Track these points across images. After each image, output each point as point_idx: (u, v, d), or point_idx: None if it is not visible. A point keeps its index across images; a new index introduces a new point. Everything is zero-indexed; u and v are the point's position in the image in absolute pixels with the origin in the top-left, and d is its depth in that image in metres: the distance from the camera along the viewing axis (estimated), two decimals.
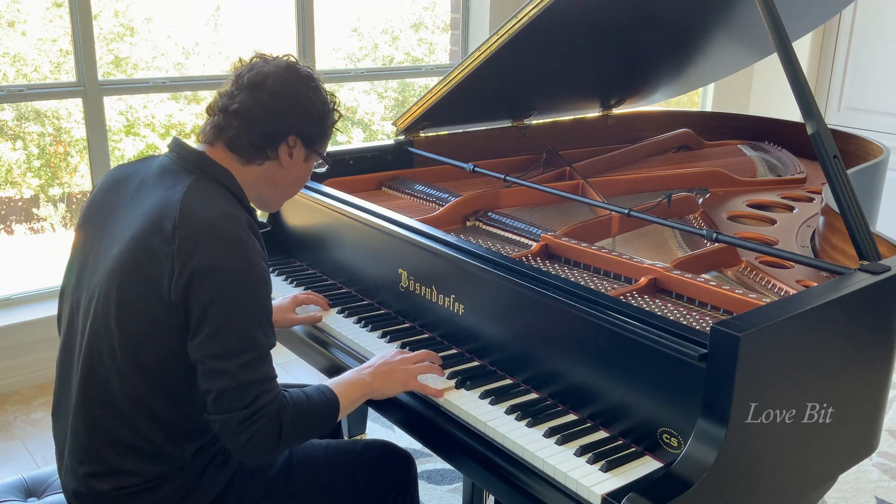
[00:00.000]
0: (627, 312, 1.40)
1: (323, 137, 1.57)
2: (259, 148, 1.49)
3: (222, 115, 1.48)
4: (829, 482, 1.58)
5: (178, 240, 1.35)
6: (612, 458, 1.35)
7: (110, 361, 1.40)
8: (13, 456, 2.79)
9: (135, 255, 1.38)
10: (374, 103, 6.48)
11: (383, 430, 2.91)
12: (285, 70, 1.50)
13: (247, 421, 1.34)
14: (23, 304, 3.28)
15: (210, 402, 1.35)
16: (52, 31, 4.91)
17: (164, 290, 1.35)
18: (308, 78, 1.52)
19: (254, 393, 1.35)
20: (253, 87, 1.48)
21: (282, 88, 1.48)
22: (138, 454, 1.42)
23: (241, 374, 1.34)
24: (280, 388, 1.41)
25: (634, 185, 2.42)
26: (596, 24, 2.23)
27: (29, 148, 5.07)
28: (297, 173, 1.57)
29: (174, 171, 1.46)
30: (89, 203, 1.55)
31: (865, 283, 1.44)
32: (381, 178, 2.40)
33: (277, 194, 1.60)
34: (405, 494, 1.70)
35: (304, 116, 1.51)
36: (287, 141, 1.50)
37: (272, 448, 1.38)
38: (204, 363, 1.35)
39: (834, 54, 4.65)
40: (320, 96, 1.54)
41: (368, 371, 1.58)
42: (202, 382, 1.36)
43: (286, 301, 1.91)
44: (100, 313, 1.41)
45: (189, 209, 1.37)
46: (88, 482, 1.44)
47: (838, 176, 1.56)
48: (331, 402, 1.48)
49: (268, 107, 1.47)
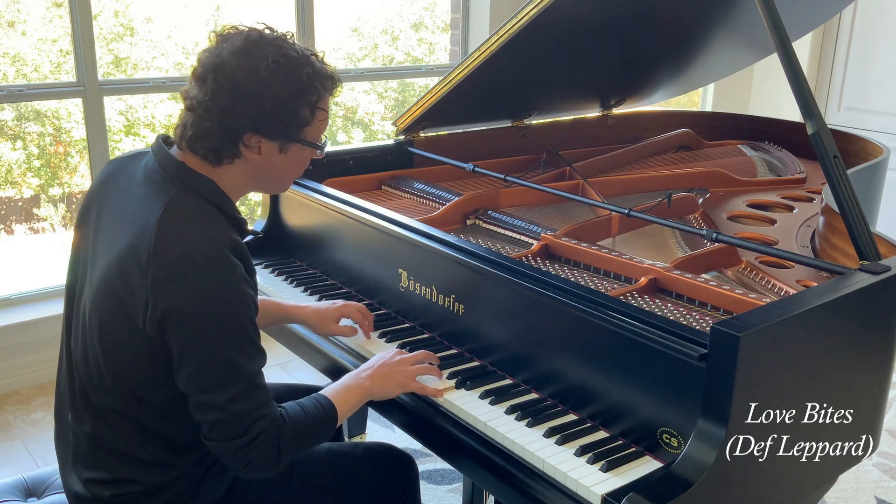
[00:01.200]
0: (627, 312, 1.40)
1: (295, 124, 1.38)
2: (216, 150, 1.36)
3: (184, 111, 1.37)
4: (829, 482, 1.58)
5: (151, 273, 1.28)
6: (612, 458, 1.35)
7: (98, 379, 1.39)
8: (13, 456, 2.79)
9: (112, 281, 1.33)
10: (374, 103, 6.48)
11: (383, 430, 2.91)
12: (235, 56, 1.32)
13: (245, 448, 1.32)
14: (23, 304, 3.28)
15: (205, 430, 1.34)
16: (52, 31, 4.91)
17: (140, 322, 1.30)
18: (260, 62, 1.32)
19: (248, 422, 1.32)
20: (200, 79, 1.33)
21: (225, 82, 1.31)
22: (140, 464, 1.42)
23: (233, 407, 1.31)
24: (275, 409, 1.37)
25: (634, 185, 2.42)
26: (596, 23, 2.23)
27: (29, 148, 5.07)
28: (281, 165, 1.42)
29: (156, 182, 1.38)
30: (85, 201, 1.50)
31: (865, 283, 1.44)
32: (381, 178, 2.40)
33: (272, 185, 1.50)
34: (407, 497, 1.70)
35: (254, 110, 1.33)
36: (242, 140, 1.35)
37: (272, 468, 1.37)
38: (193, 397, 1.32)
39: (834, 54, 4.65)
40: (280, 80, 1.33)
41: (367, 374, 1.56)
42: (194, 413, 1.34)
43: (332, 309, 1.78)
44: (87, 332, 1.39)
45: (163, 237, 1.29)
46: (90, 487, 1.43)
47: (838, 176, 1.56)
48: (328, 413, 1.46)
49: (210, 106, 1.32)
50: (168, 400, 1.38)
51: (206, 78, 1.33)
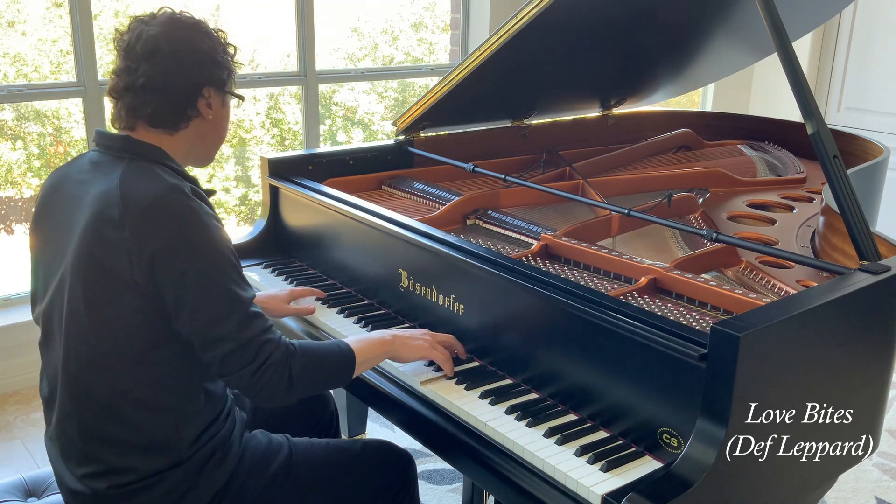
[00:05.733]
0: (627, 312, 1.40)
1: (230, 75, 1.55)
2: (180, 113, 1.47)
3: (131, 94, 1.45)
4: (829, 482, 1.58)
5: (128, 226, 1.35)
6: (612, 458, 1.35)
7: (88, 357, 1.41)
8: (13, 456, 2.79)
9: (89, 248, 1.38)
10: (374, 103, 6.47)
11: (383, 430, 2.91)
12: (172, 24, 1.47)
13: (256, 373, 1.38)
14: (23, 304, 3.28)
15: (217, 366, 1.39)
16: (52, 31, 4.91)
17: (128, 277, 1.35)
18: (195, 23, 1.50)
19: (256, 346, 1.39)
20: (150, 54, 1.44)
21: (178, 44, 1.45)
22: (133, 449, 1.43)
23: (240, 334, 1.38)
24: (280, 334, 1.44)
25: (634, 185, 2.42)
26: (596, 24, 2.23)
27: (29, 148, 5.07)
28: (223, 120, 1.56)
29: (105, 163, 1.46)
30: (35, 211, 1.54)
31: (865, 283, 1.44)
32: (381, 178, 2.40)
33: (208, 147, 1.59)
34: (405, 494, 1.70)
35: (209, 63, 1.48)
36: (202, 94, 1.48)
37: (284, 393, 1.43)
38: (198, 336, 1.38)
39: (834, 54, 4.65)
40: (213, 36, 1.51)
41: (392, 333, 1.62)
42: (202, 353, 1.39)
43: (283, 293, 1.92)
44: (70, 313, 1.41)
45: (129, 192, 1.37)
46: (86, 482, 1.44)
47: (838, 176, 1.56)
48: (346, 354, 1.52)
49: (173, 69, 1.44)
50: (159, 362, 1.41)
51: (156, 49, 1.43)
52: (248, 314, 1.40)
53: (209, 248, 1.38)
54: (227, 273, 1.39)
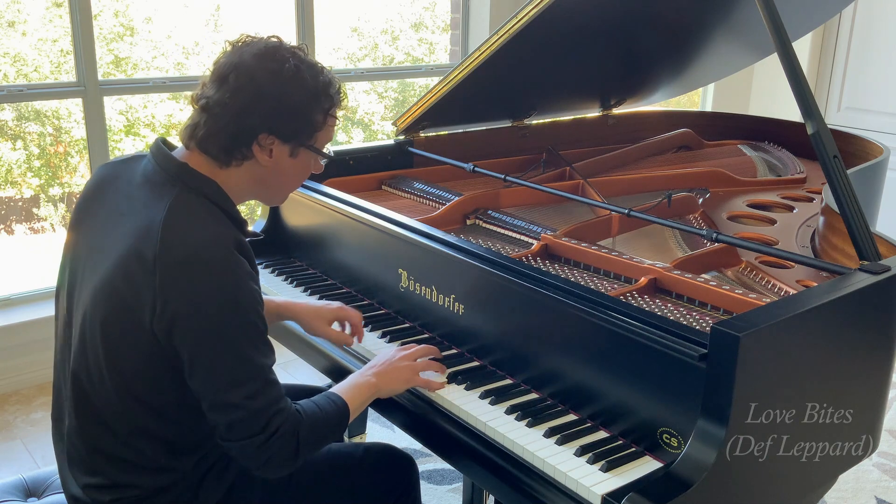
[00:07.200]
0: (627, 312, 1.40)
1: (308, 129, 1.42)
2: (228, 149, 1.38)
3: (196, 111, 1.39)
4: (829, 482, 1.58)
5: (158, 272, 1.28)
6: (612, 458, 1.35)
7: (98, 382, 1.38)
8: (13, 456, 2.79)
9: (115, 281, 1.33)
10: (374, 103, 6.48)
11: (383, 430, 2.91)
12: (257, 59, 1.36)
13: (264, 445, 1.33)
14: (23, 304, 3.28)
15: (222, 430, 1.34)
16: (52, 31, 4.91)
17: (147, 322, 1.30)
18: (283, 64, 1.36)
19: (266, 417, 1.33)
20: (220, 80, 1.36)
21: (247, 81, 1.35)
22: (137, 469, 1.41)
23: (251, 403, 1.31)
24: (290, 403, 1.39)
25: (634, 185, 2.42)
26: (596, 23, 2.23)
27: (29, 148, 5.07)
28: (288, 170, 1.45)
29: (157, 183, 1.38)
30: (78, 204, 1.49)
31: (865, 283, 1.44)
32: (381, 178, 2.40)
33: (273, 193, 1.51)
34: (407, 497, 1.70)
35: (274, 111, 1.36)
36: (258, 140, 1.38)
37: (291, 463, 1.38)
38: (209, 397, 1.32)
39: (834, 54, 4.65)
40: (299, 84, 1.38)
41: (372, 372, 1.56)
42: (210, 413, 1.33)
43: (328, 308, 1.77)
44: (86, 334, 1.38)
45: (170, 237, 1.30)
46: (89, 493, 1.43)
47: (838, 176, 1.56)
48: (341, 409, 1.47)
49: (229, 104, 1.35)
50: (168, 403, 1.38)
51: (227, 77, 1.36)
52: (263, 383, 1.33)
53: (236, 313, 1.30)
54: (250, 339, 1.32)
